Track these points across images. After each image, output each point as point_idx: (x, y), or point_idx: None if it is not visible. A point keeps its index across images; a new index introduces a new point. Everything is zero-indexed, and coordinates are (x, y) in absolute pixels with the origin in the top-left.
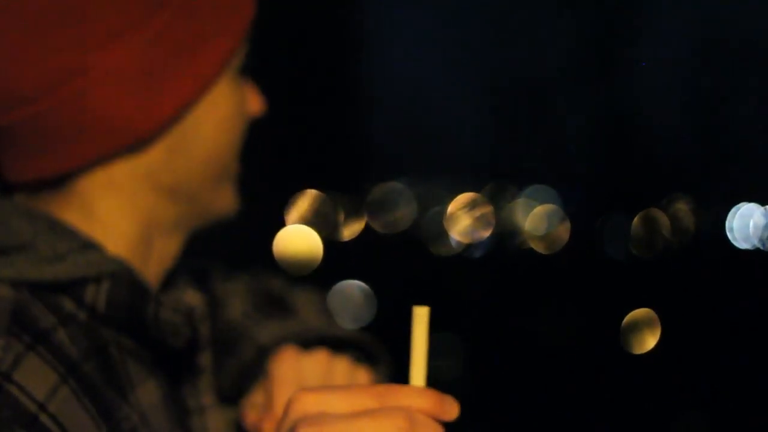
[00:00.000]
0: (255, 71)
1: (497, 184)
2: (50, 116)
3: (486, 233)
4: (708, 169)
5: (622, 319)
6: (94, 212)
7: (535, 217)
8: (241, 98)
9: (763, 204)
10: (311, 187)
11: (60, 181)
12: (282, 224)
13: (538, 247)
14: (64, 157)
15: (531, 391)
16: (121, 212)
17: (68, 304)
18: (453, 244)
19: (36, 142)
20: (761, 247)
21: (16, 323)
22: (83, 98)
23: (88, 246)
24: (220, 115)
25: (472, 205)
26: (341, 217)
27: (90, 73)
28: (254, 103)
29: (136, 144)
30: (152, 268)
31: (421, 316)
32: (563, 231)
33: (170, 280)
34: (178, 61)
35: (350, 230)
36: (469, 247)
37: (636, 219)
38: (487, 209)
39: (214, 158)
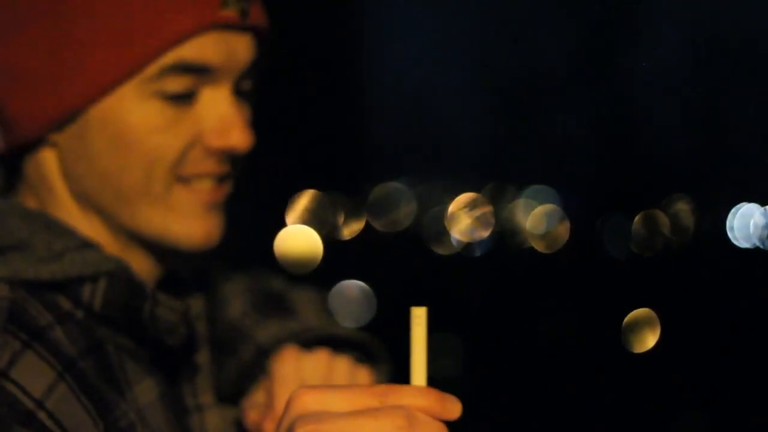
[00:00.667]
0: (258, 72)
1: (497, 184)
2: None
3: (485, 233)
4: (708, 169)
5: (623, 318)
6: (46, 205)
7: (536, 218)
8: (161, 122)
9: (763, 204)
10: (311, 187)
11: (11, 172)
12: (282, 224)
13: (539, 247)
14: None
15: (531, 390)
16: (64, 210)
17: (65, 303)
18: (454, 243)
19: None
20: (761, 247)
21: (13, 321)
22: None
23: (85, 245)
24: (114, 131)
25: (472, 205)
26: (341, 217)
27: None
28: (222, 137)
29: (27, 143)
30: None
31: (419, 316)
32: (563, 230)
33: (170, 279)
34: (67, 68)
35: (350, 230)
36: (469, 246)
37: (636, 219)
38: (487, 209)
39: (112, 175)
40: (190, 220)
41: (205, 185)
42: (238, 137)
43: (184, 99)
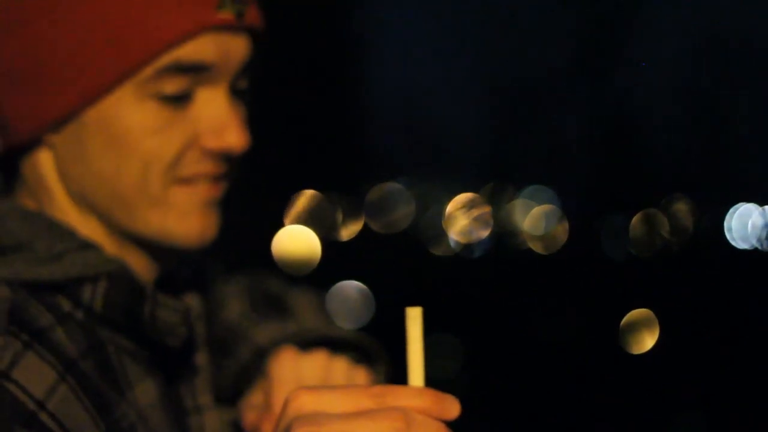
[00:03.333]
0: (254, 70)
1: (496, 184)
2: None
3: (484, 233)
4: (707, 169)
5: (620, 318)
6: (44, 206)
7: (534, 218)
8: (158, 124)
9: (761, 204)
10: (310, 187)
11: (9, 173)
12: (281, 224)
13: (537, 248)
14: None
15: (529, 390)
16: (62, 211)
17: (65, 304)
18: (452, 244)
19: None
20: (759, 247)
21: (14, 322)
22: None
23: (85, 246)
24: (110, 133)
25: (470, 205)
26: (340, 217)
27: None
28: (218, 138)
29: (23, 144)
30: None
31: (414, 317)
32: (561, 231)
33: (168, 280)
34: (63, 69)
35: (348, 231)
36: (467, 247)
37: (634, 219)
38: (486, 209)
39: (109, 176)
40: (187, 219)
41: (202, 184)
42: (235, 138)
43: (181, 100)
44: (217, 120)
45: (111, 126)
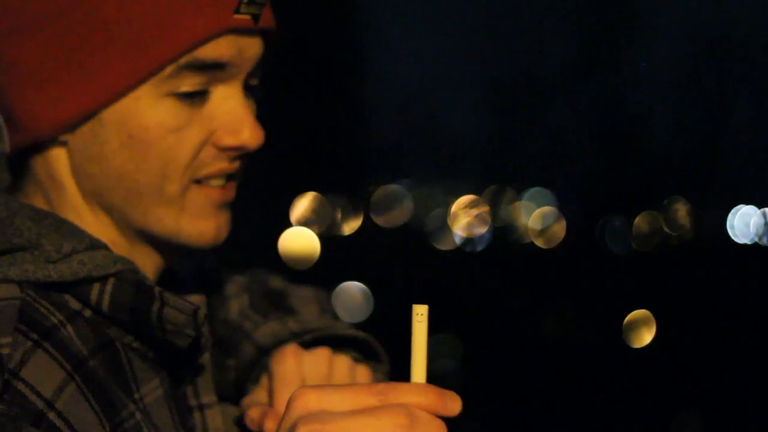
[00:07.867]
0: (265, 69)
1: (497, 187)
2: None
3: (483, 229)
4: (707, 171)
5: (622, 315)
6: (55, 204)
7: (535, 221)
8: (176, 122)
9: (760, 207)
10: (312, 189)
11: (19, 171)
12: (282, 226)
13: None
14: None
15: (530, 386)
16: (74, 209)
17: (74, 303)
18: (456, 240)
19: None
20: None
21: (23, 321)
22: None
23: (94, 246)
24: (128, 132)
25: (471, 206)
26: (341, 218)
27: None
28: (234, 135)
29: (37, 144)
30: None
31: (421, 314)
32: (559, 229)
33: (170, 279)
34: (86, 68)
35: (350, 226)
36: (468, 242)
37: (634, 221)
38: (484, 208)
39: (126, 175)
40: (201, 220)
41: (216, 184)
42: (250, 135)
43: (197, 97)
44: (233, 117)
45: (130, 125)
